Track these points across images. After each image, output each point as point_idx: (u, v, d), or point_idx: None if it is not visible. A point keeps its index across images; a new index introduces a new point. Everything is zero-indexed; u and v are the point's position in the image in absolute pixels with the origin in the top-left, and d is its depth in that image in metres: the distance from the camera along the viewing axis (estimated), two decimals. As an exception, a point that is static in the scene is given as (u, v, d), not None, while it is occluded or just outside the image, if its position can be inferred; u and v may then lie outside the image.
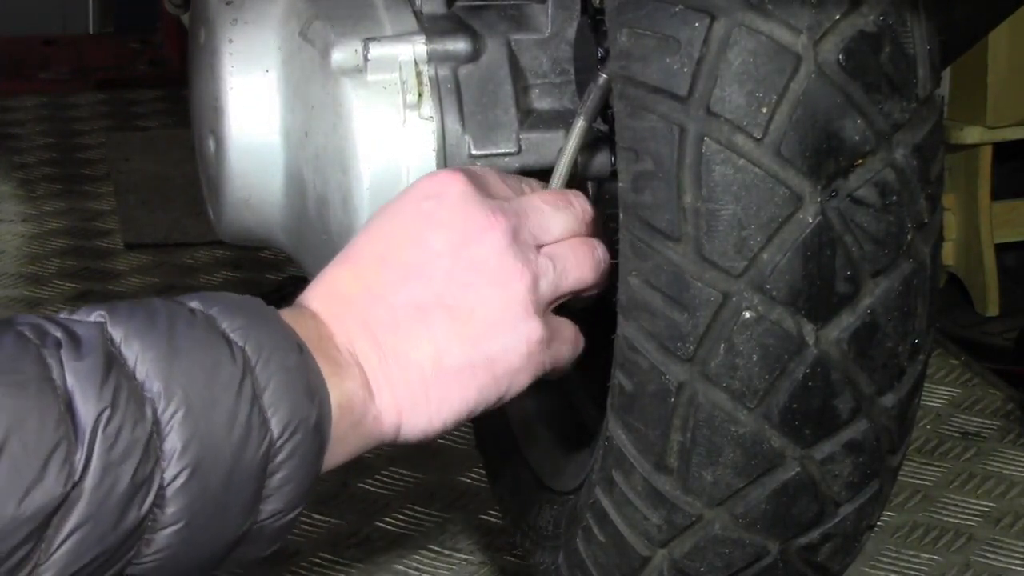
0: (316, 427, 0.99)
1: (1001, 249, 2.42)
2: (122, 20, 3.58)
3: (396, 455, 1.75)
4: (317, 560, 1.55)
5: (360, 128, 1.20)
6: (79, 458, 0.90)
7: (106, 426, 0.90)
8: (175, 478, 0.93)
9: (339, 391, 1.02)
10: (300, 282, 1.16)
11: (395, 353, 1.05)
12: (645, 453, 1.08)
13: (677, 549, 1.09)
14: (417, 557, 1.57)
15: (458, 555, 1.57)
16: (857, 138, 1.01)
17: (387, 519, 1.63)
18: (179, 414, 0.93)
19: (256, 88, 1.27)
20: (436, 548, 1.58)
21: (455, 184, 1.09)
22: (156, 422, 0.93)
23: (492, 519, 1.62)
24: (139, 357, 0.94)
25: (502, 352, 1.08)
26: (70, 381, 0.91)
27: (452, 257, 1.07)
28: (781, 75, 1.00)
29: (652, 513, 1.09)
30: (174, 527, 0.94)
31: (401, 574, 1.54)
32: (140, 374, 0.93)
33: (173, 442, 0.93)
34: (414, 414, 1.06)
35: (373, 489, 1.69)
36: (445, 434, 1.09)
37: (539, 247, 1.10)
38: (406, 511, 1.64)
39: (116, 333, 0.95)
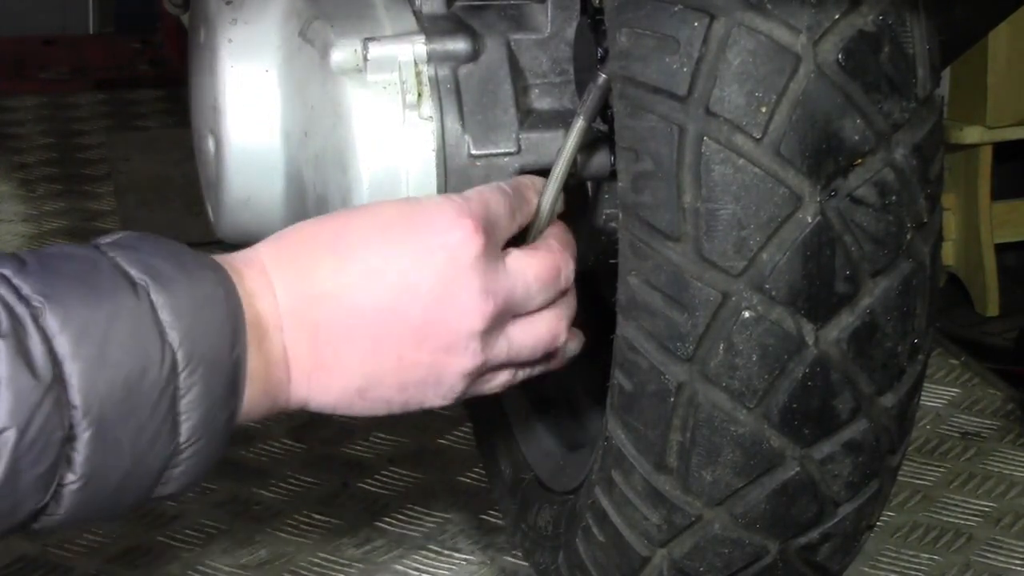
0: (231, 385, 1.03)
1: (1001, 249, 2.42)
2: (122, 20, 3.57)
3: (396, 455, 1.75)
4: (317, 560, 1.55)
5: (360, 128, 1.20)
6: None
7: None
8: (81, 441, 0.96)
9: (261, 383, 1.05)
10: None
11: (325, 365, 1.07)
12: (645, 453, 1.08)
13: (677, 549, 1.09)
14: (417, 557, 1.57)
15: (458, 555, 1.57)
16: (856, 138, 1.01)
17: (387, 519, 1.63)
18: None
19: (256, 88, 1.27)
20: (436, 548, 1.58)
21: (473, 247, 1.08)
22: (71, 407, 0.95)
23: (492, 519, 1.62)
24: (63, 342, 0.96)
25: (421, 399, 1.11)
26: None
27: (430, 314, 1.07)
28: (780, 75, 1.00)
29: (652, 513, 1.09)
30: (77, 484, 0.97)
31: (401, 574, 1.54)
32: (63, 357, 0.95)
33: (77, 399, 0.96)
34: (321, 401, 1.09)
35: (373, 489, 1.69)
36: (443, 434, 1.10)
37: (512, 318, 1.11)
38: (406, 511, 1.64)
39: (52, 323, 0.96)
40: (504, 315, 1.10)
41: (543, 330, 1.13)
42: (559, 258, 1.14)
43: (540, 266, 1.12)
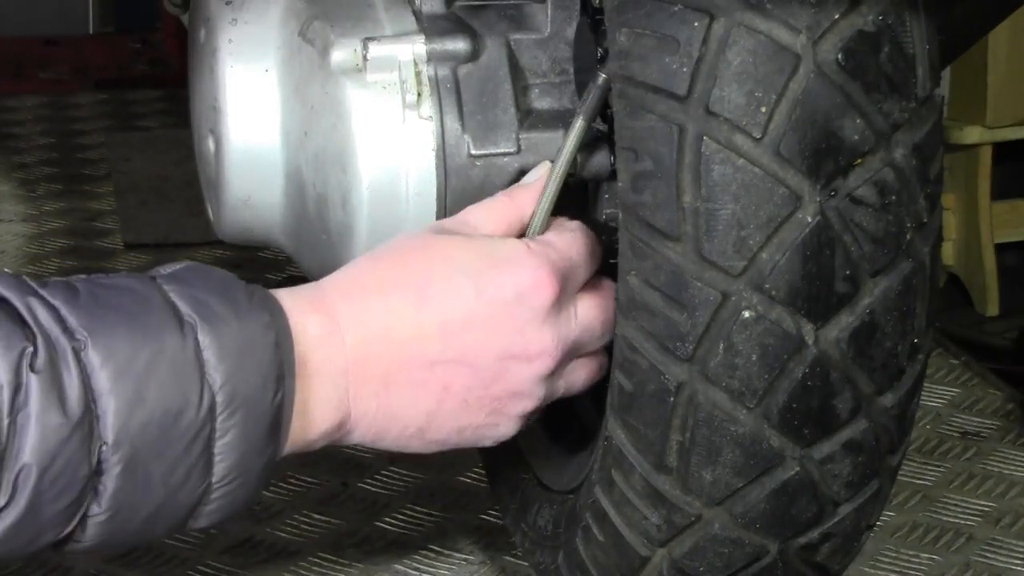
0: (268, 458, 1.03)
1: (1001, 249, 2.42)
2: (122, 20, 3.57)
3: (396, 455, 1.75)
4: (317, 560, 1.55)
5: (359, 128, 1.20)
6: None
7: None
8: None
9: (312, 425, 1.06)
10: (300, 282, 1.15)
11: (391, 411, 1.08)
12: (644, 453, 1.08)
13: (676, 549, 1.09)
14: (417, 557, 1.56)
15: (458, 555, 1.57)
16: (856, 138, 1.01)
17: (387, 519, 1.63)
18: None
19: (256, 88, 1.27)
20: (436, 548, 1.58)
21: (548, 299, 1.09)
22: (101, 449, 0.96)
23: (492, 519, 1.62)
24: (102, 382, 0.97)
25: (477, 439, 1.13)
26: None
27: (501, 364, 1.09)
28: (780, 75, 1.00)
29: (651, 513, 1.09)
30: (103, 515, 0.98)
31: (401, 574, 1.54)
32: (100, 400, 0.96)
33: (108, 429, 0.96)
34: (377, 442, 1.11)
35: (373, 489, 1.69)
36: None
37: (574, 357, 1.14)
38: (406, 511, 1.64)
39: (94, 358, 0.96)
40: (568, 359, 1.13)
41: (596, 368, 1.17)
42: (613, 304, 1.14)
43: (607, 309, 1.14)
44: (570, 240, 1.13)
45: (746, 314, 1.02)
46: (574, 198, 1.22)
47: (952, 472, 1.74)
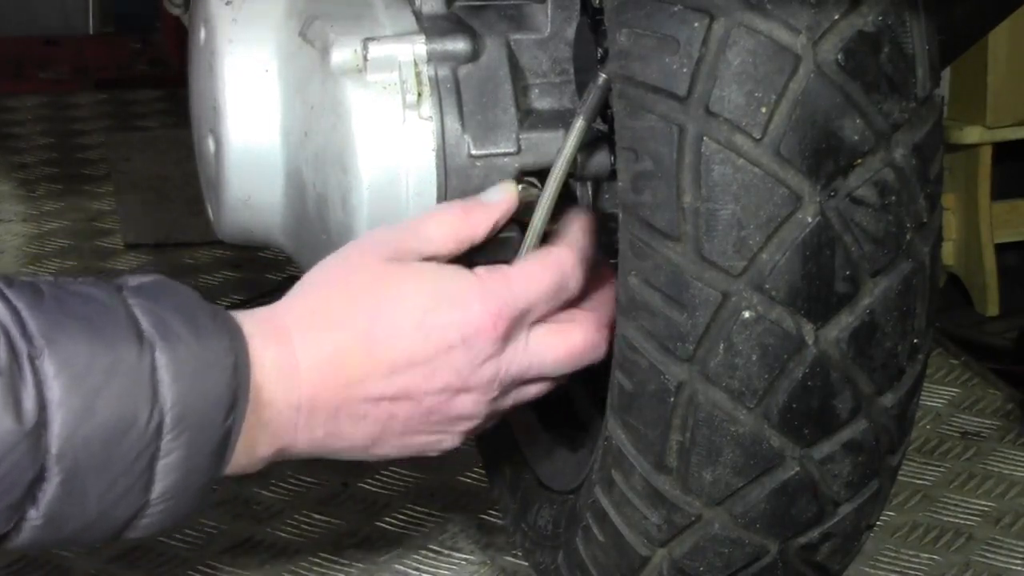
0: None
1: (1001, 249, 2.42)
2: (122, 20, 3.57)
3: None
4: (317, 560, 1.55)
5: (360, 128, 1.20)
6: None
7: None
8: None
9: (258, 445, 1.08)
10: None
11: (336, 435, 1.11)
12: (644, 453, 1.08)
13: (677, 549, 1.09)
14: (417, 557, 1.56)
15: (458, 555, 1.57)
16: (856, 138, 1.01)
17: (387, 519, 1.63)
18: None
19: (255, 88, 1.27)
20: (436, 548, 1.58)
21: (491, 337, 1.11)
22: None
23: (492, 519, 1.62)
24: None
25: (420, 452, 1.17)
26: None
27: (443, 400, 1.12)
28: (780, 75, 1.00)
29: (651, 513, 1.09)
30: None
31: (401, 574, 1.54)
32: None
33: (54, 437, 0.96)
34: (323, 455, 1.14)
35: (373, 489, 1.69)
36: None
37: (516, 385, 1.15)
38: (406, 511, 1.64)
39: (49, 367, 0.96)
40: (513, 387, 1.15)
41: (547, 386, 1.18)
42: (589, 339, 1.15)
43: (565, 347, 1.15)
44: (537, 276, 1.13)
45: (746, 314, 1.02)
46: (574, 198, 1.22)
47: (952, 472, 1.74)
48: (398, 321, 1.10)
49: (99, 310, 1.00)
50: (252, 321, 1.07)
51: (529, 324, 1.13)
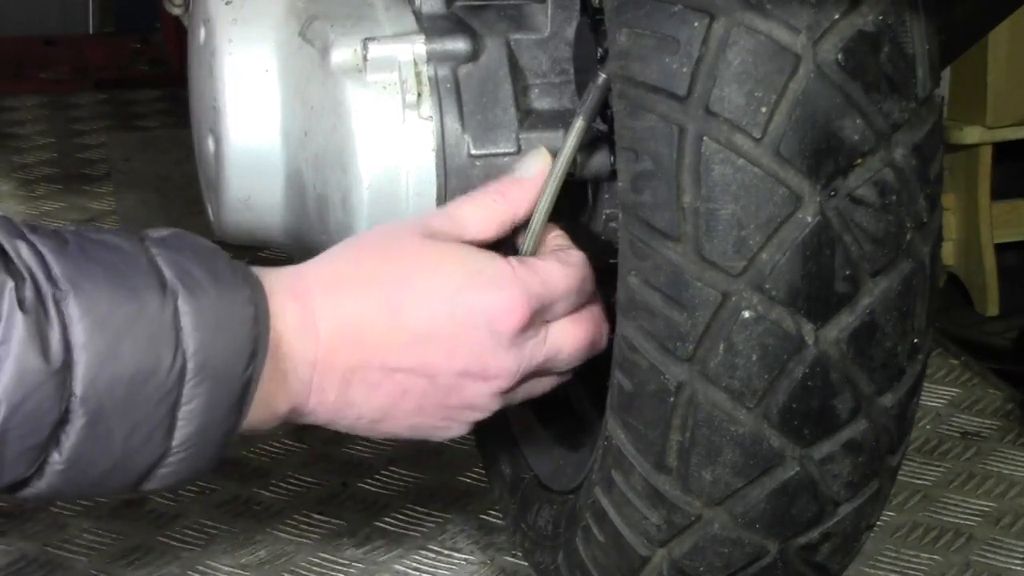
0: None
1: (1001, 249, 2.42)
2: (122, 20, 3.57)
3: (396, 455, 1.75)
4: (317, 560, 1.55)
5: (360, 128, 1.20)
6: None
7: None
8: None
9: (275, 405, 1.07)
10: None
11: (347, 402, 1.10)
12: (644, 453, 1.08)
13: (676, 549, 1.09)
14: (417, 557, 1.56)
15: (458, 555, 1.57)
16: (856, 138, 1.01)
17: (387, 519, 1.63)
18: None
19: (255, 88, 1.27)
20: (436, 548, 1.58)
21: (516, 326, 1.11)
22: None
23: (492, 519, 1.62)
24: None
25: (427, 436, 1.16)
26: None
27: (460, 380, 1.11)
28: (780, 75, 1.00)
29: (651, 513, 1.09)
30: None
31: (401, 574, 1.54)
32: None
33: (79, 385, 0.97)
34: (332, 424, 1.13)
35: (373, 489, 1.69)
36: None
37: (529, 377, 1.15)
38: (406, 511, 1.64)
39: (74, 310, 0.97)
40: (528, 379, 1.14)
41: (558, 380, 1.17)
42: (598, 329, 1.16)
43: (580, 338, 1.15)
44: (561, 274, 1.13)
45: (746, 314, 1.02)
46: (574, 198, 1.22)
47: (952, 472, 1.74)
48: (427, 292, 1.09)
49: (123, 258, 1.00)
50: (275, 277, 1.08)
51: (551, 318, 1.13)
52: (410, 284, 1.10)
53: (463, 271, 1.10)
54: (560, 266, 1.13)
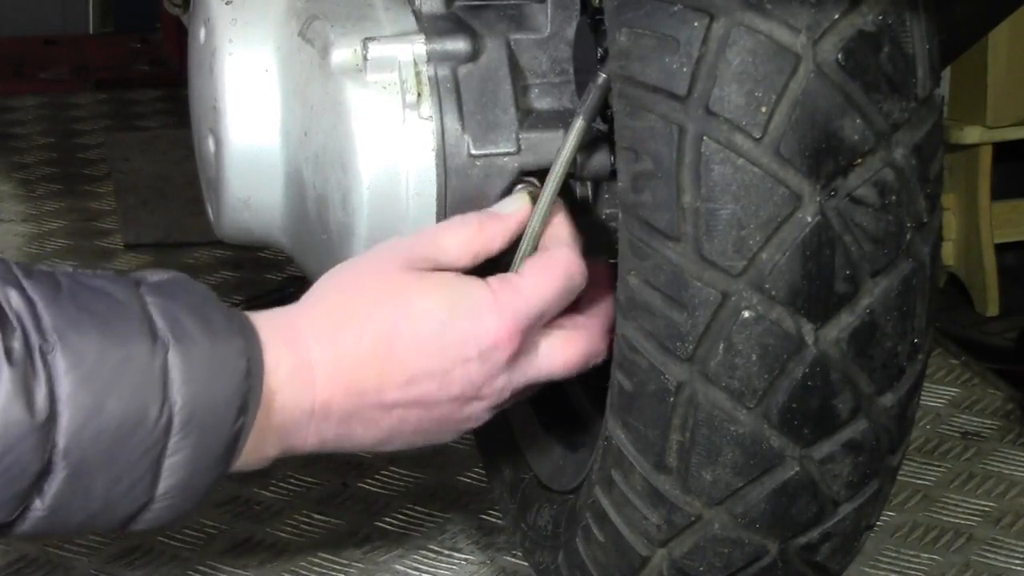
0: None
1: (1001, 249, 2.42)
2: (122, 20, 3.57)
3: (396, 455, 1.75)
4: (317, 560, 1.55)
5: (359, 128, 1.20)
6: None
7: None
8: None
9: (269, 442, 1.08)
10: (300, 282, 1.16)
11: (347, 437, 1.12)
12: (644, 453, 1.08)
13: (676, 549, 1.09)
14: (417, 557, 1.56)
15: (458, 555, 1.57)
16: (856, 138, 1.01)
17: (387, 519, 1.63)
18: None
19: (255, 88, 1.27)
20: (436, 548, 1.58)
21: (507, 352, 1.12)
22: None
23: (492, 519, 1.62)
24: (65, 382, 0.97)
25: (422, 446, 1.17)
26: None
27: (452, 408, 1.13)
28: (780, 75, 1.00)
29: (651, 513, 1.09)
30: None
31: (401, 574, 1.54)
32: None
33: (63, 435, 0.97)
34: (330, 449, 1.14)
35: (373, 489, 1.69)
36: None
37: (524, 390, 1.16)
38: (406, 511, 1.64)
39: (60, 363, 0.97)
40: (521, 392, 1.16)
41: (536, 389, 1.18)
42: (594, 344, 1.16)
43: (573, 355, 1.16)
44: (544, 284, 1.13)
45: (746, 314, 1.02)
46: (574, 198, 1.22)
47: (952, 472, 1.74)
48: (415, 332, 1.10)
49: (114, 307, 1.00)
50: (268, 325, 1.08)
51: (541, 328, 1.14)
52: (398, 324, 1.11)
53: (447, 304, 1.11)
54: (542, 275, 1.13)
